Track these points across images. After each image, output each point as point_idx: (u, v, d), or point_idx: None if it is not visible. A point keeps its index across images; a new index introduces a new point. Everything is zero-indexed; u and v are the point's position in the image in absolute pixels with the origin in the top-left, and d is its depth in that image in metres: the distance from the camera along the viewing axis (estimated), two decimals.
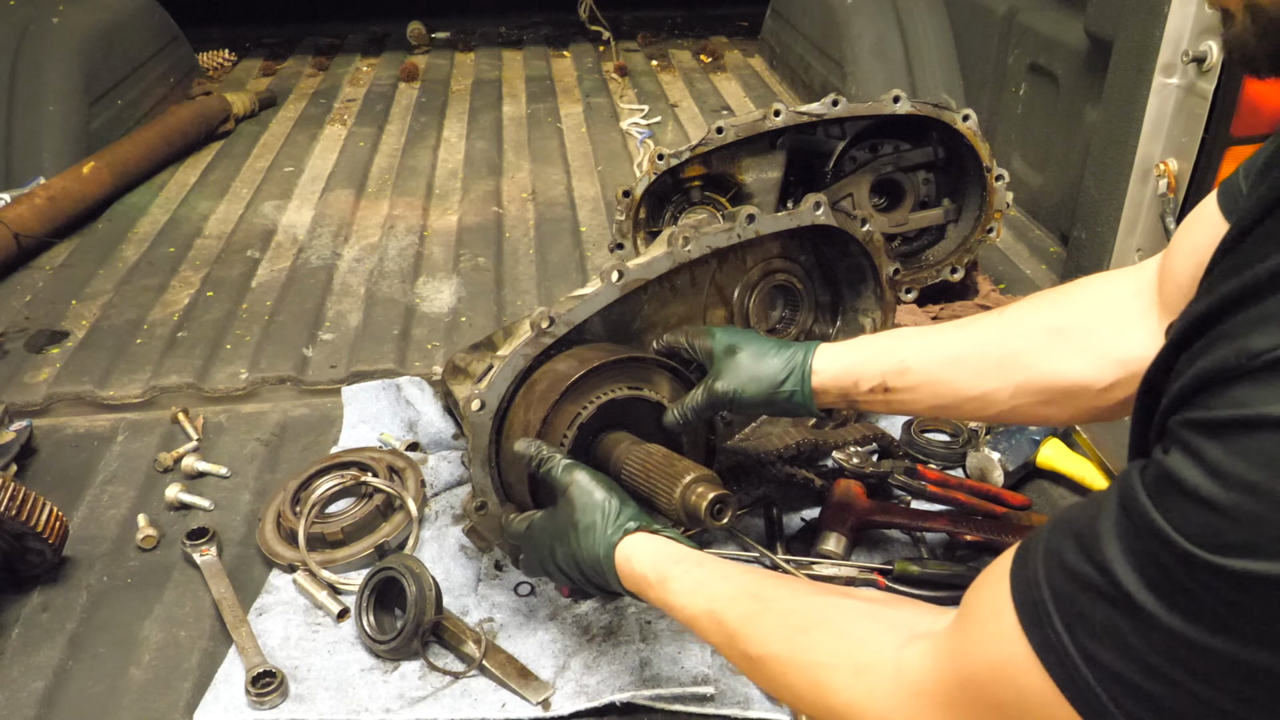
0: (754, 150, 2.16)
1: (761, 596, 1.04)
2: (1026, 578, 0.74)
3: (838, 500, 1.65)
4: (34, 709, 1.40)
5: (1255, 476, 0.60)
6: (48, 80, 3.26)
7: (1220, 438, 0.63)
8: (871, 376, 1.34)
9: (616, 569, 1.21)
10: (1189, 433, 0.66)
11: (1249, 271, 0.67)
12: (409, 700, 1.39)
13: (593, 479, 1.28)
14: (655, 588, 1.16)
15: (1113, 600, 0.67)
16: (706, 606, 1.08)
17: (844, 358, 1.37)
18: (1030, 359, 1.24)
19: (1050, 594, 0.71)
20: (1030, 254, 2.65)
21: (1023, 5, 2.82)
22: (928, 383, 1.32)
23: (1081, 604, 0.69)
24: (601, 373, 1.41)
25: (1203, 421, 0.65)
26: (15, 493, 1.51)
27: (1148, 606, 0.65)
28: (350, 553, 1.63)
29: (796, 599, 1.02)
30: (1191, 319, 0.70)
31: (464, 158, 3.46)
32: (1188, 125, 1.99)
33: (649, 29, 5.06)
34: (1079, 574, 0.70)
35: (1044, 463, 1.76)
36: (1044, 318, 1.27)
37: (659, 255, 1.52)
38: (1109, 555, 0.68)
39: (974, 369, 1.29)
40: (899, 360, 1.33)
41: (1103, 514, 0.70)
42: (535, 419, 1.38)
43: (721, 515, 1.27)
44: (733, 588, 1.08)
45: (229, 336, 2.33)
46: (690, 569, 1.14)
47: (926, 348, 1.34)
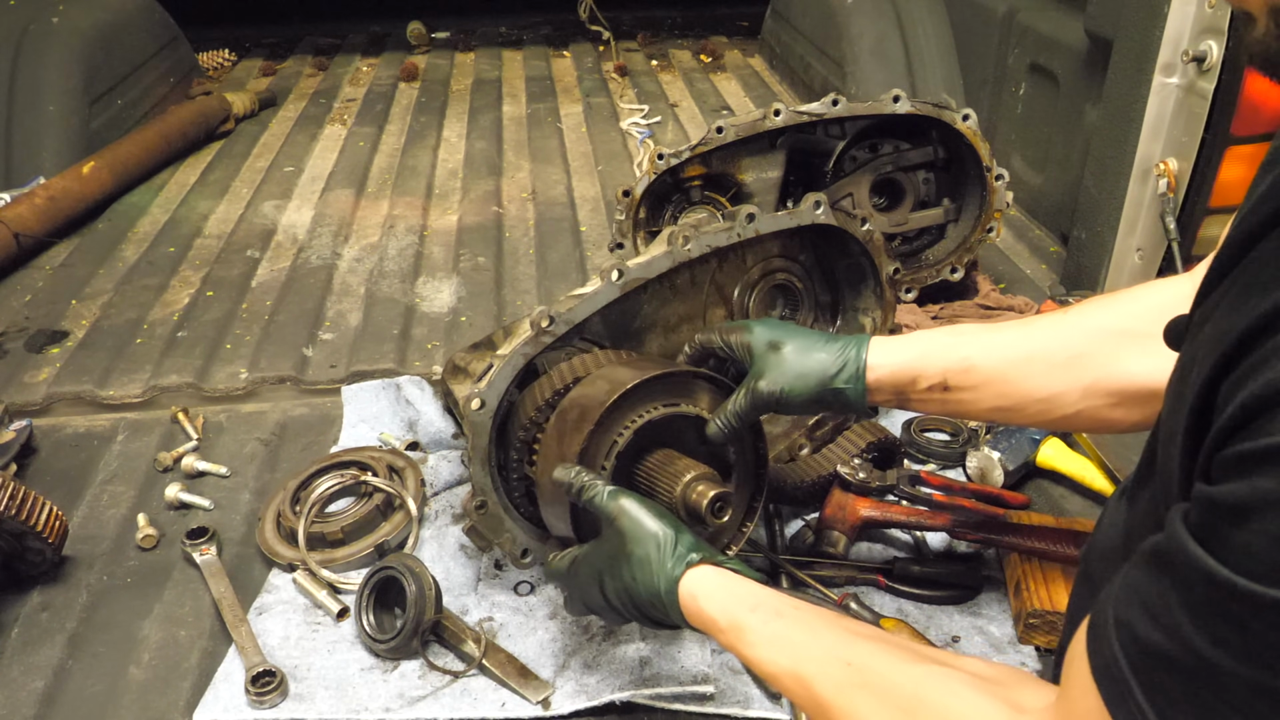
0: (754, 150, 2.16)
1: (856, 665, 0.97)
2: (1103, 653, 0.72)
3: (838, 500, 1.65)
4: (34, 708, 1.40)
5: None
6: (48, 80, 3.26)
7: (1274, 465, 0.61)
8: (933, 374, 1.27)
9: (681, 606, 1.13)
10: (1242, 465, 0.63)
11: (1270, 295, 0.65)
12: (409, 699, 1.39)
13: (642, 506, 1.20)
14: (728, 633, 1.08)
15: (1189, 668, 0.65)
16: (791, 667, 1.01)
17: (901, 353, 1.30)
18: (1099, 360, 1.20)
19: (1129, 668, 0.70)
20: (1030, 254, 2.65)
21: (1023, 5, 2.82)
22: (993, 382, 1.26)
23: (1160, 676, 0.67)
24: (634, 394, 1.33)
25: (1253, 452, 0.63)
26: (15, 492, 1.51)
27: (1225, 666, 0.63)
28: (350, 552, 1.63)
29: (896, 671, 0.95)
30: (1233, 340, 0.68)
31: (464, 158, 3.46)
32: (1188, 125, 1.99)
33: (649, 29, 5.06)
34: (1149, 644, 0.68)
35: (1044, 462, 1.76)
36: (1109, 320, 1.22)
37: (659, 254, 1.52)
38: (1175, 618, 0.66)
39: (1043, 369, 1.23)
40: (963, 357, 1.27)
41: (1161, 576, 0.68)
42: (571, 451, 1.30)
43: (722, 513, 1.27)
44: (821, 649, 1.00)
45: (229, 336, 2.33)
46: (768, 619, 1.06)
47: (992, 346, 1.28)
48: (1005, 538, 1.56)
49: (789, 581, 1.55)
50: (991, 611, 1.52)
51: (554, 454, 1.34)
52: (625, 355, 1.51)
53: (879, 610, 1.48)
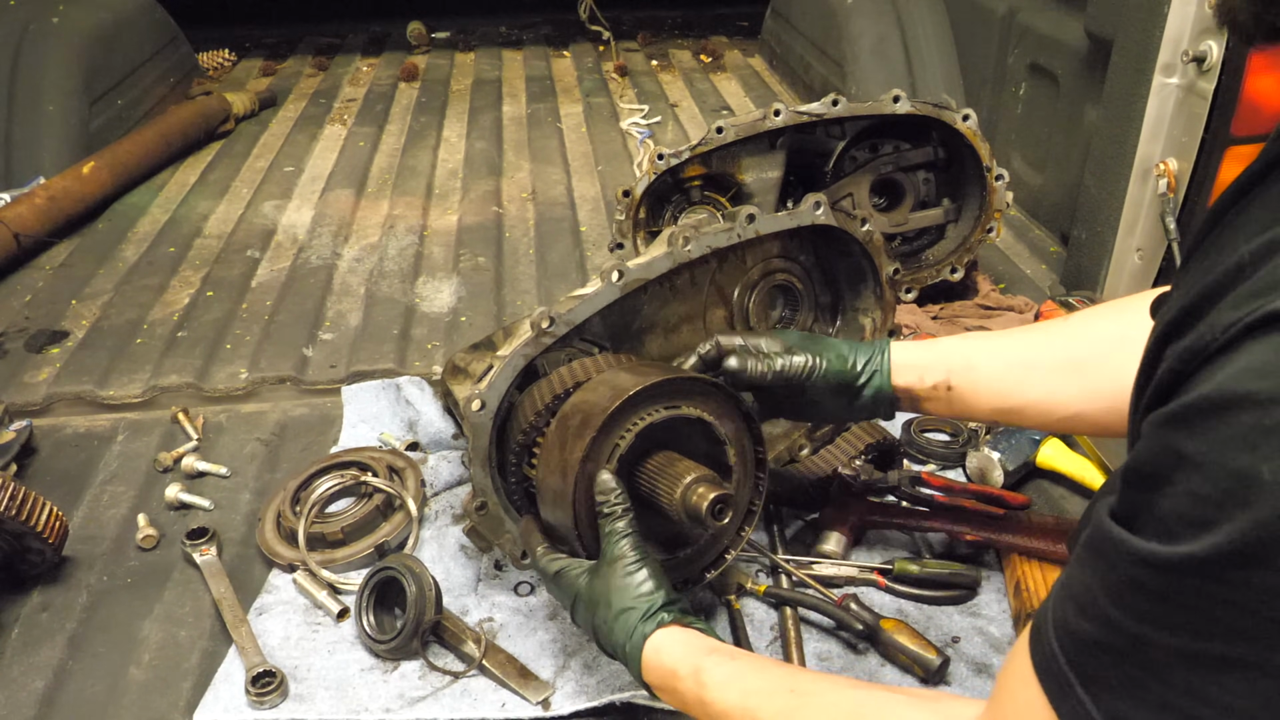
0: (754, 150, 2.16)
1: (799, 691, 1.02)
2: (1043, 650, 0.73)
3: (838, 500, 1.65)
4: (34, 708, 1.40)
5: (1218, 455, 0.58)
6: (48, 80, 3.26)
7: (1186, 423, 0.61)
8: (937, 371, 1.34)
9: (643, 661, 1.18)
10: (1158, 427, 0.63)
11: (1226, 260, 0.66)
12: (409, 700, 1.39)
13: (640, 561, 1.24)
14: (685, 680, 1.13)
15: (1120, 650, 0.65)
16: (739, 701, 1.05)
17: (911, 352, 1.37)
18: (1098, 365, 1.23)
19: (1065, 661, 0.70)
20: (1030, 254, 2.64)
21: (1023, 5, 2.81)
22: (994, 383, 1.31)
23: (1094, 665, 0.68)
24: (636, 398, 1.33)
25: (1169, 413, 0.62)
26: (15, 492, 1.51)
27: (1144, 637, 0.63)
28: (350, 552, 1.63)
29: (836, 693, 1.00)
30: (1176, 312, 0.69)
31: (464, 158, 3.46)
32: (1188, 125, 1.99)
33: (649, 29, 5.06)
34: (1082, 635, 0.69)
35: (1044, 462, 1.76)
36: (1111, 327, 1.26)
37: (659, 255, 1.52)
38: (1101, 604, 0.66)
39: (1042, 372, 1.28)
40: (965, 358, 1.33)
41: (1087, 565, 0.69)
42: (574, 457, 1.30)
43: (722, 515, 1.27)
44: (768, 681, 1.06)
45: (229, 336, 2.33)
46: (723, 661, 1.12)
47: (994, 349, 1.34)
48: (1005, 538, 1.56)
49: (789, 582, 1.55)
50: (991, 611, 1.52)
51: (556, 460, 1.33)
52: (625, 359, 1.51)
53: (879, 610, 1.48)
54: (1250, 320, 0.59)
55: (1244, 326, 0.59)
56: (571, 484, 1.30)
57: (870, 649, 1.46)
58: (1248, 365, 0.58)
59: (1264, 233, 0.64)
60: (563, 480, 1.31)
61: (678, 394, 1.36)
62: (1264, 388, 0.56)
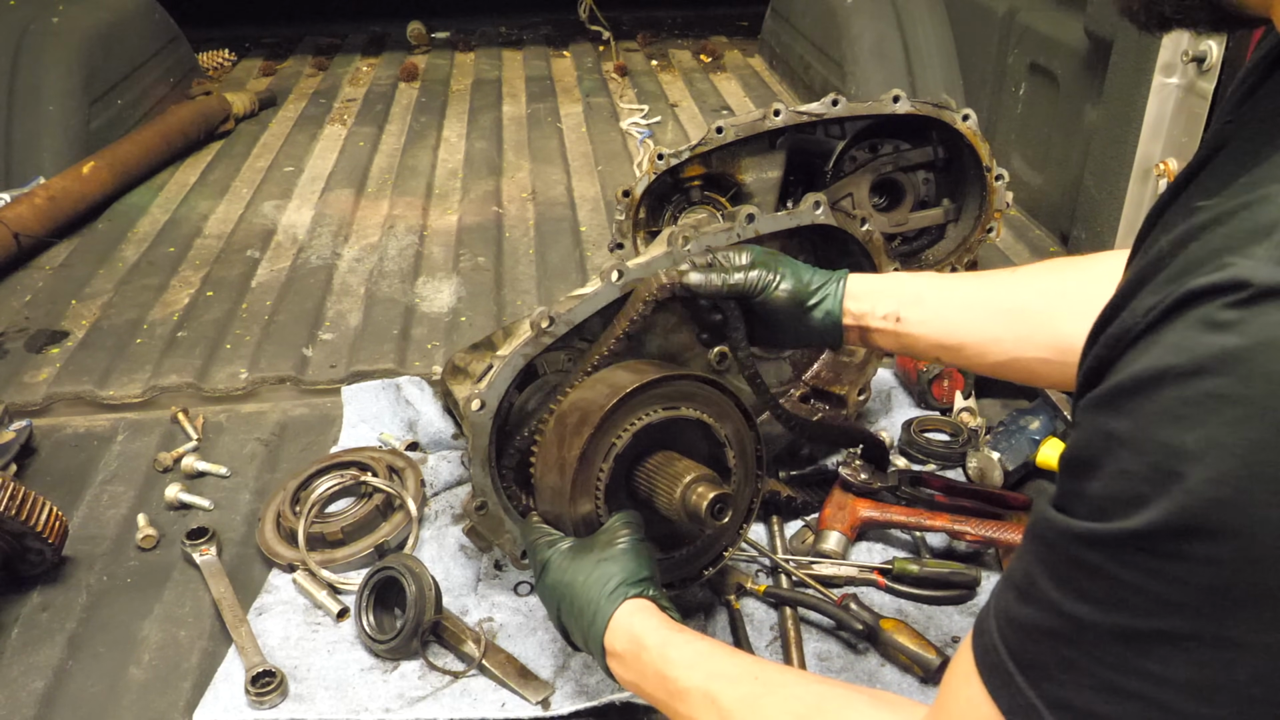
0: (754, 150, 2.16)
1: (764, 680, 1.03)
2: (984, 643, 0.73)
3: (838, 500, 1.65)
4: (34, 708, 1.40)
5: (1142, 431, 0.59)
6: (48, 80, 3.26)
7: (1111, 405, 0.62)
8: (889, 302, 1.37)
9: (611, 621, 1.19)
10: (1086, 411, 0.65)
11: (1154, 248, 0.67)
12: (409, 700, 1.39)
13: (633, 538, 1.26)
14: (651, 650, 1.13)
15: (1057, 632, 0.66)
16: (703, 683, 1.06)
17: (868, 281, 1.41)
18: (1039, 315, 1.27)
19: (1006, 652, 0.70)
20: (1030, 254, 2.64)
21: (1023, 5, 2.81)
22: (937, 318, 1.34)
23: (1034, 651, 0.68)
24: (634, 397, 1.33)
25: (1096, 397, 0.64)
26: (15, 492, 1.51)
27: (1086, 618, 0.63)
28: (350, 552, 1.63)
29: (799, 686, 1.01)
30: (1108, 306, 0.70)
31: (464, 158, 3.46)
32: (1188, 125, 1.99)
33: (649, 29, 5.06)
34: (1023, 621, 0.69)
35: (1044, 462, 1.76)
36: (1057, 281, 1.31)
37: (659, 255, 1.51)
38: (1040, 587, 0.66)
39: (984, 313, 1.32)
40: (915, 292, 1.37)
41: (1027, 553, 0.69)
42: (571, 455, 1.30)
43: (722, 514, 1.27)
44: (733, 667, 1.07)
45: (229, 336, 2.33)
46: (691, 640, 1.13)
47: (943, 286, 1.38)
48: (1005, 537, 1.56)
49: (788, 582, 1.55)
50: None
51: (554, 458, 1.33)
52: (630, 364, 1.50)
53: (879, 610, 1.48)
54: (1168, 303, 0.60)
55: (1163, 310, 0.60)
56: (569, 481, 1.30)
57: (870, 649, 1.46)
58: (1167, 342, 0.59)
59: (1182, 223, 0.66)
60: (560, 477, 1.31)
61: (677, 394, 1.36)
62: (1182, 361, 0.58)
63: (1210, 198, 0.66)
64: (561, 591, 1.25)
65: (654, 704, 1.14)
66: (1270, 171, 0.63)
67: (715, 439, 1.38)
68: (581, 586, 1.22)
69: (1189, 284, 0.59)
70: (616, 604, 1.19)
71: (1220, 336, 0.56)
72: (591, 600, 1.21)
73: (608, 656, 1.19)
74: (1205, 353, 0.57)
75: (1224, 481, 0.56)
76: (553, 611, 1.27)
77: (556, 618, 1.27)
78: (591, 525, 1.32)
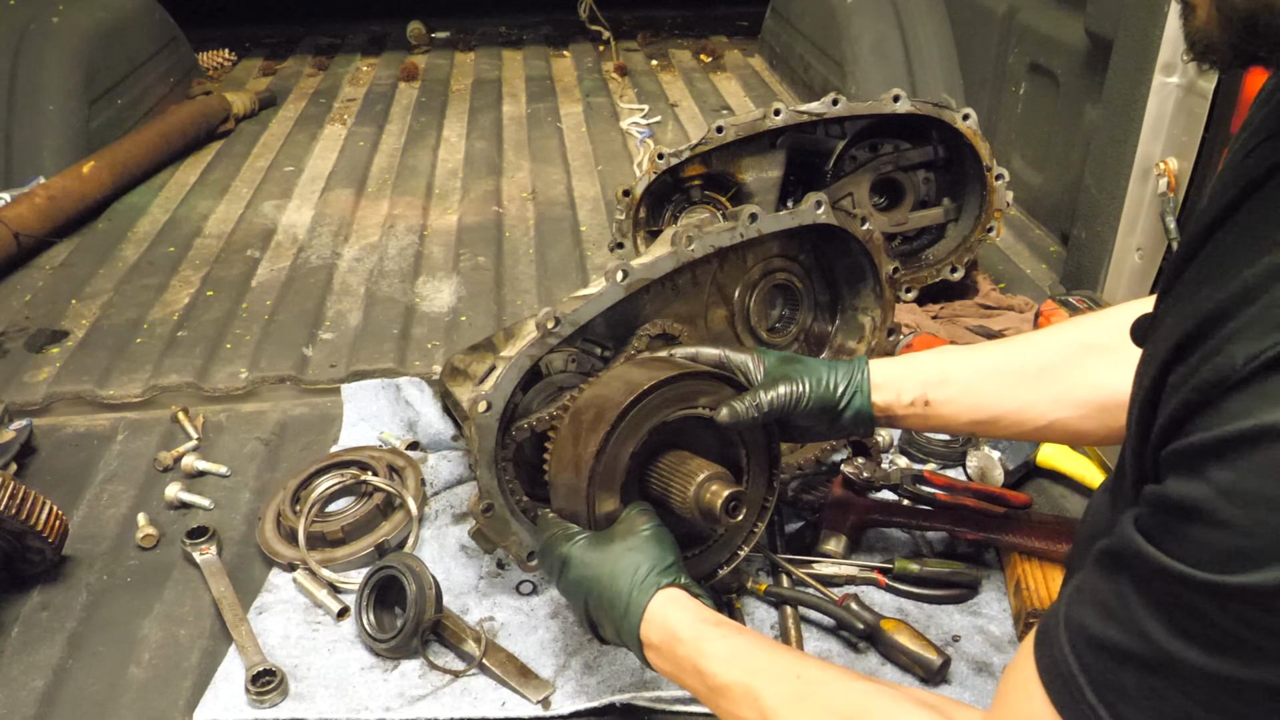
0: (754, 149, 2.16)
1: (805, 678, 1.01)
2: (1052, 655, 0.73)
3: (838, 500, 1.65)
4: (34, 707, 1.40)
5: (1269, 489, 0.59)
6: (48, 80, 3.26)
7: (1223, 457, 0.62)
8: (913, 387, 1.34)
9: (645, 615, 1.16)
10: (1191, 459, 0.64)
11: (1230, 283, 0.67)
12: (409, 699, 1.39)
13: (655, 526, 1.25)
14: (687, 644, 1.11)
15: (1146, 661, 0.66)
16: (742, 678, 1.04)
17: (888, 368, 1.37)
18: (1069, 372, 1.25)
19: (1079, 668, 0.70)
20: (1030, 253, 2.64)
21: (1023, 5, 2.82)
22: (967, 394, 1.32)
23: (1115, 673, 0.68)
24: (650, 395, 1.32)
25: (1202, 445, 0.63)
26: (15, 491, 1.51)
27: (1183, 656, 0.63)
28: (350, 551, 1.63)
29: (842, 684, 0.99)
30: (1183, 332, 0.69)
31: (464, 157, 3.46)
32: (1188, 124, 1.99)
33: (649, 29, 5.06)
34: (1105, 641, 0.69)
35: (1044, 462, 1.76)
36: (1080, 335, 1.28)
37: (663, 255, 1.52)
38: (1134, 614, 0.66)
39: (1013, 380, 1.29)
40: (939, 371, 1.34)
41: (1112, 574, 0.69)
42: (587, 452, 1.29)
43: (736, 512, 1.26)
44: (773, 664, 1.05)
45: (229, 336, 2.33)
46: (729, 634, 1.11)
47: (967, 360, 1.35)
48: (1005, 537, 1.56)
49: (789, 581, 1.55)
50: (991, 611, 1.52)
51: (569, 455, 1.33)
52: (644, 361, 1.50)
53: (879, 610, 1.48)
54: (1272, 355, 0.60)
55: (1265, 362, 0.60)
56: (586, 479, 1.29)
57: (870, 648, 1.46)
58: (1273, 397, 0.59)
59: (1265, 254, 0.65)
60: (576, 475, 1.31)
61: (693, 392, 1.36)
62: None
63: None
64: (588, 585, 1.22)
65: (695, 694, 1.12)
66: None
67: (728, 437, 1.38)
68: (609, 579, 1.20)
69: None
70: (649, 594, 1.17)
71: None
72: (621, 592, 1.18)
73: (645, 647, 1.17)
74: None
75: None
76: (579, 607, 1.25)
77: (584, 613, 1.24)
78: (608, 522, 1.30)
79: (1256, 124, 0.81)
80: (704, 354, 1.44)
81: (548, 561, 1.30)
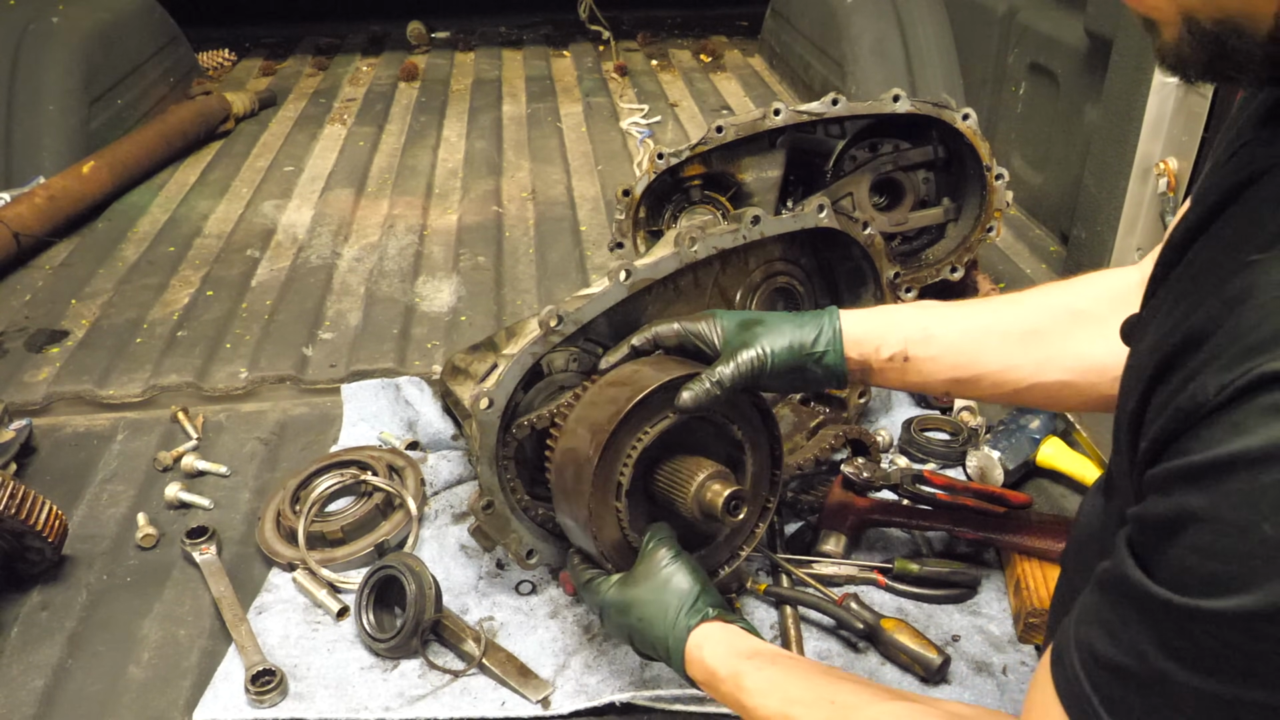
0: (754, 149, 2.16)
1: (840, 704, 1.02)
2: (1066, 674, 0.74)
3: (837, 500, 1.65)
4: (34, 707, 1.40)
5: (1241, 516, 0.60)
6: (48, 80, 3.26)
7: (1198, 484, 0.63)
8: (894, 341, 1.29)
9: (686, 656, 1.18)
10: (1169, 484, 0.66)
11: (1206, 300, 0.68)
12: (409, 698, 1.39)
13: (677, 557, 1.26)
14: (726, 682, 1.13)
15: (1144, 680, 0.67)
16: (780, 709, 1.05)
17: (867, 320, 1.32)
18: (1054, 337, 1.24)
19: (1090, 686, 0.72)
20: (1030, 253, 2.64)
21: (1023, 5, 2.82)
22: (950, 352, 1.28)
23: (1120, 693, 0.69)
24: (659, 395, 1.31)
25: (1179, 470, 0.65)
26: (15, 491, 1.51)
27: (1172, 675, 0.65)
28: (350, 551, 1.63)
29: (875, 707, 1.00)
30: (1166, 351, 0.70)
31: (464, 157, 3.46)
32: (1188, 124, 1.99)
33: (649, 29, 5.06)
34: (1109, 661, 0.70)
35: (1044, 461, 1.76)
36: (1065, 299, 1.27)
37: (666, 255, 1.52)
38: (1133, 636, 0.68)
39: (998, 342, 1.27)
40: (923, 327, 1.29)
41: (1110, 595, 0.71)
42: (594, 451, 1.29)
43: (737, 511, 1.26)
44: (809, 691, 1.06)
45: (229, 336, 2.33)
46: (763, 665, 1.12)
47: (951, 317, 1.31)
48: (1005, 537, 1.56)
49: (789, 581, 1.55)
50: (991, 611, 1.52)
51: (572, 484, 1.33)
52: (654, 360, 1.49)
53: (879, 610, 1.48)
54: (1240, 385, 0.62)
55: (1235, 391, 0.62)
56: (585, 511, 1.29)
57: (870, 648, 1.46)
58: (1241, 425, 0.61)
59: (1233, 276, 0.67)
60: (576, 509, 1.32)
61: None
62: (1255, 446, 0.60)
63: (1263, 249, 0.66)
64: (629, 630, 1.26)
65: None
66: None
67: (732, 439, 1.38)
68: (645, 626, 1.23)
69: (1261, 367, 0.61)
70: (683, 641, 1.19)
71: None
72: (659, 639, 1.21)
73: (695, 684, 1.20)
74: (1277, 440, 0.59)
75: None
76: (628, 643, 1.29)
77: (637, 650, 1.29)
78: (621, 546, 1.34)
79: (1239, 126, 0.81)
80: (661, 333, 1.40)
81: (590, 606, 1.35)
